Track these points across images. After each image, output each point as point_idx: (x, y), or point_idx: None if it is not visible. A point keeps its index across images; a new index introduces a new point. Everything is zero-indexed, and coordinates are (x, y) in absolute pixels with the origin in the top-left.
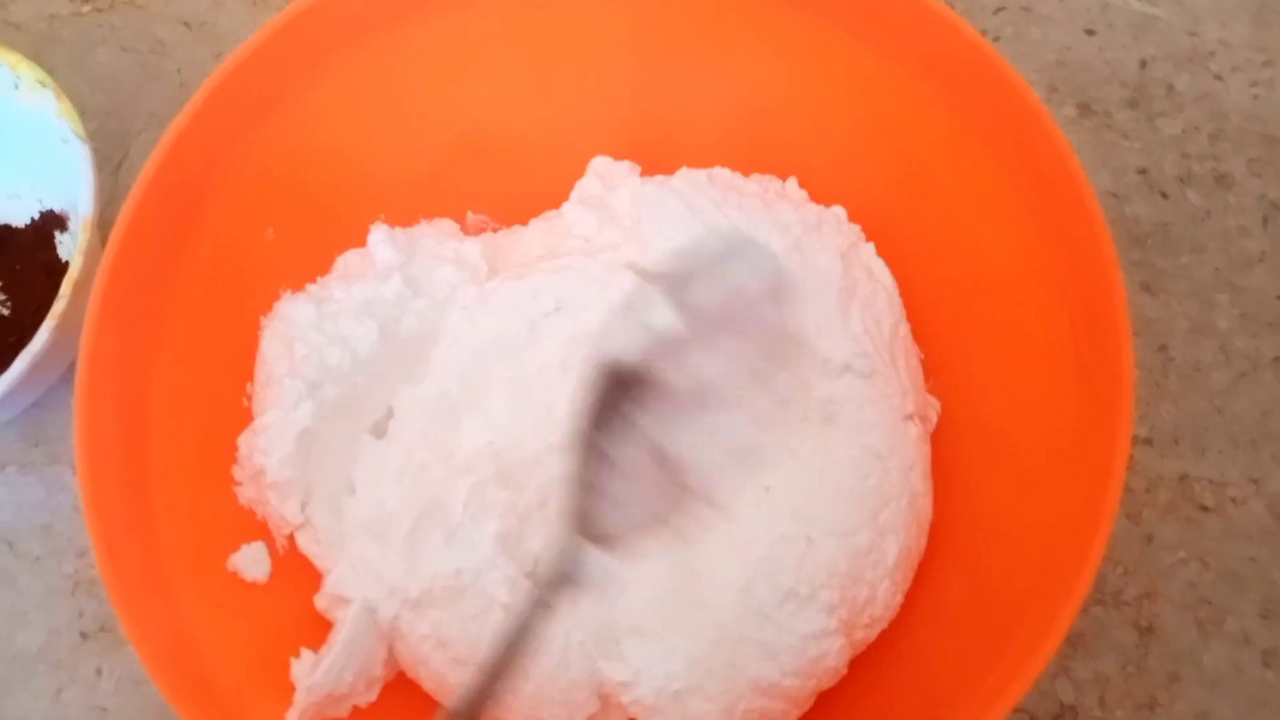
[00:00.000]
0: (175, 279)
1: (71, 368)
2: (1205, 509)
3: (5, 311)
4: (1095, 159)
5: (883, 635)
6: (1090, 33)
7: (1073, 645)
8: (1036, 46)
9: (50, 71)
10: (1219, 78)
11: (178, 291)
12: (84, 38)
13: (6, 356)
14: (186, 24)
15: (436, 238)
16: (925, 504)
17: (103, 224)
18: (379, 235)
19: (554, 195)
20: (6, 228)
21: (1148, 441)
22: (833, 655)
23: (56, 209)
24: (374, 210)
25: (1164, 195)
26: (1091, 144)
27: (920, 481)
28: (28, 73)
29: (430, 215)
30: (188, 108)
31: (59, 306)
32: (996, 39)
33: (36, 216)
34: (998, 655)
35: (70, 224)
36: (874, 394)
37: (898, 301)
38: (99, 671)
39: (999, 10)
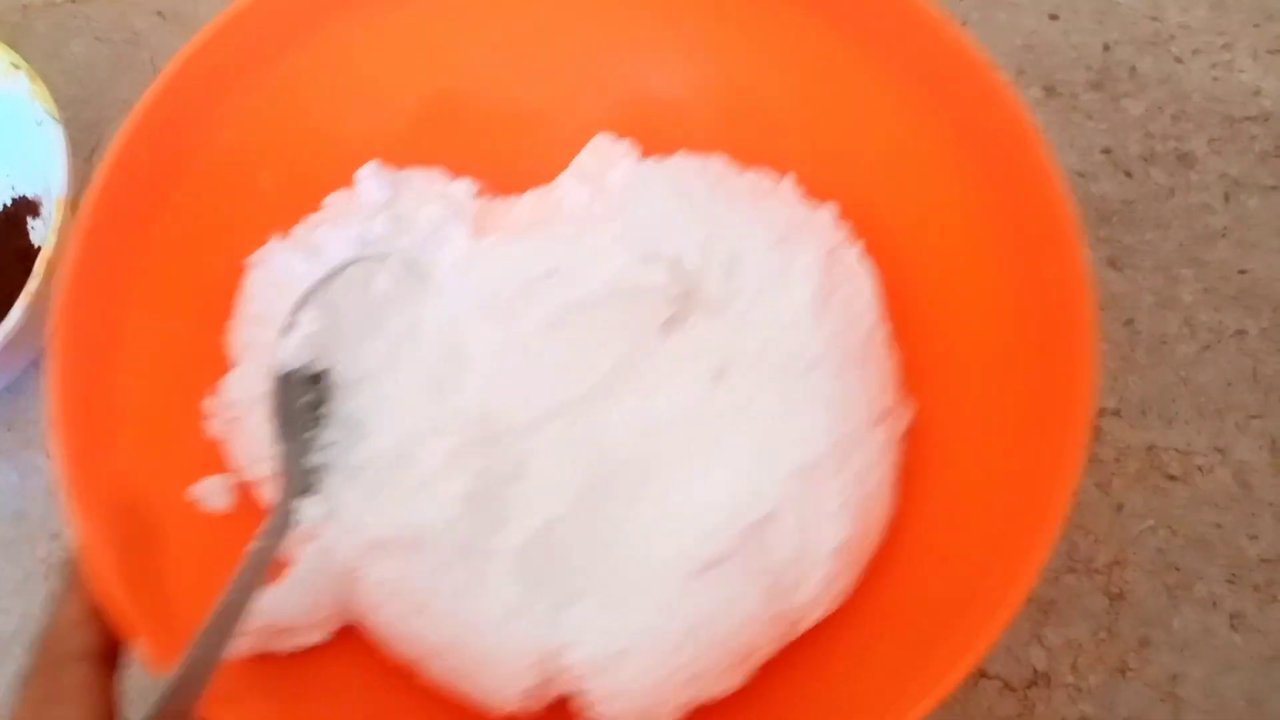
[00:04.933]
0: (164, 209)
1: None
2: (1172, 478)
3: None
4: (1062, 139)
5: (829, 623)
6: (1054, 17)
7: (1044, 612)
8: (1003, 30)
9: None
10: (1180, 60)
11: (164, 230)
12: (58, 28)
13: None
14: (161, 13)
15: (425, 179)
16: (883, 503)
17: (77, 206)
18: (367, 171)
19: (551, 169)
20: None
21: (1116, 413)
22: (756, 617)
23: (30, 194)
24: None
25: (1128, 174)
26: (1058, 124)
27: (881, 481)
28: (1, 56)
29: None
30: (181, 53)
31: (32, 285)
32: (964, 23)
33: (9, 202)
34: (929, 653)
35: (44, 209)
36: (844, 391)
37: (876, 303)
38: None
39: None
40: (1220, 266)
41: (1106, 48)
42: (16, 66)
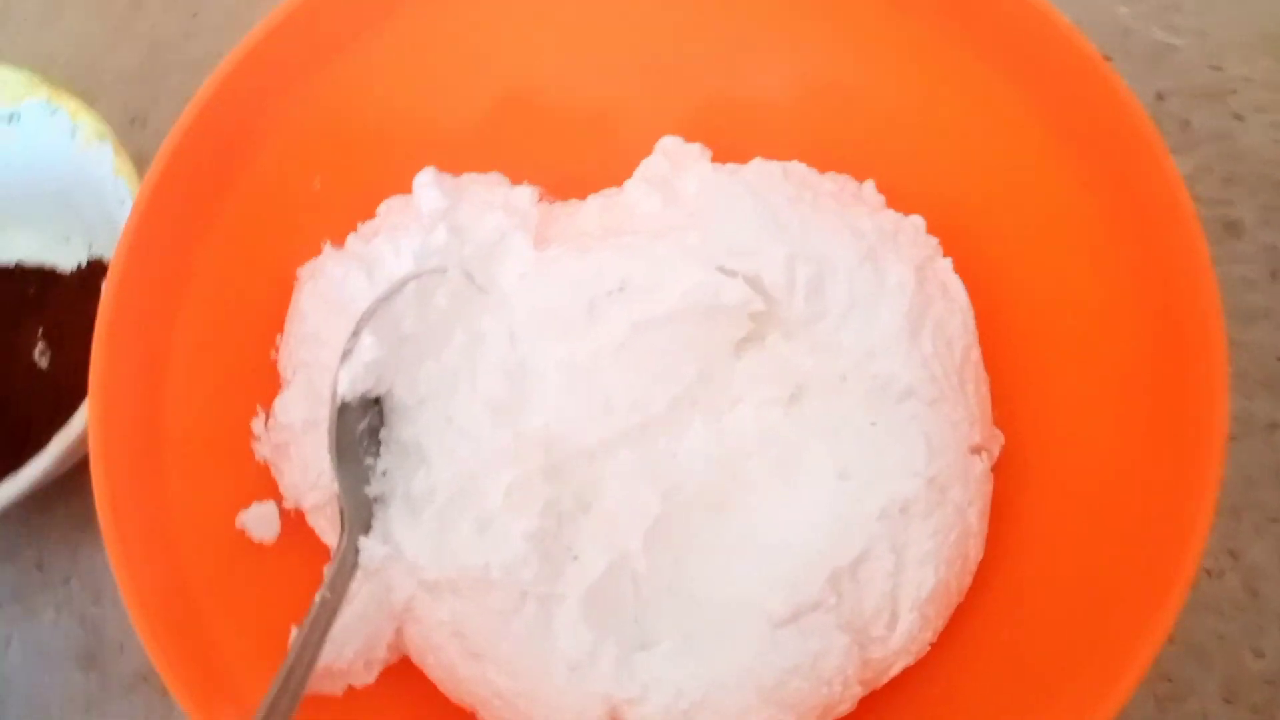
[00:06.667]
0: (212, 224)
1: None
2: None
3: (44, 364)
4: None
5: (910, 674)
6: (1105, 58)
7: None
8: None
9: (16, 28)
10: (1239, 116)
11: (213, 236)
12: None
13: (43, 423)
14: None
15: (485, 185)
16: (976, 544)
17: None
18: (425, 178)
19: (614, 173)
20: (52, 273)
21: None
22: (842, 671)
23: (106, 258)
24: (422, 166)
25: None
26: None
27: (976, 520)
28: (86, 121)
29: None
30: (236, 51)
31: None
32: None
33: (84, 263)
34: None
35: None
36: (940, 421)
37: (971, 324)
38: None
39: None
40: (1256, 350)
41: (1159, 97)
42: (102, 137)
